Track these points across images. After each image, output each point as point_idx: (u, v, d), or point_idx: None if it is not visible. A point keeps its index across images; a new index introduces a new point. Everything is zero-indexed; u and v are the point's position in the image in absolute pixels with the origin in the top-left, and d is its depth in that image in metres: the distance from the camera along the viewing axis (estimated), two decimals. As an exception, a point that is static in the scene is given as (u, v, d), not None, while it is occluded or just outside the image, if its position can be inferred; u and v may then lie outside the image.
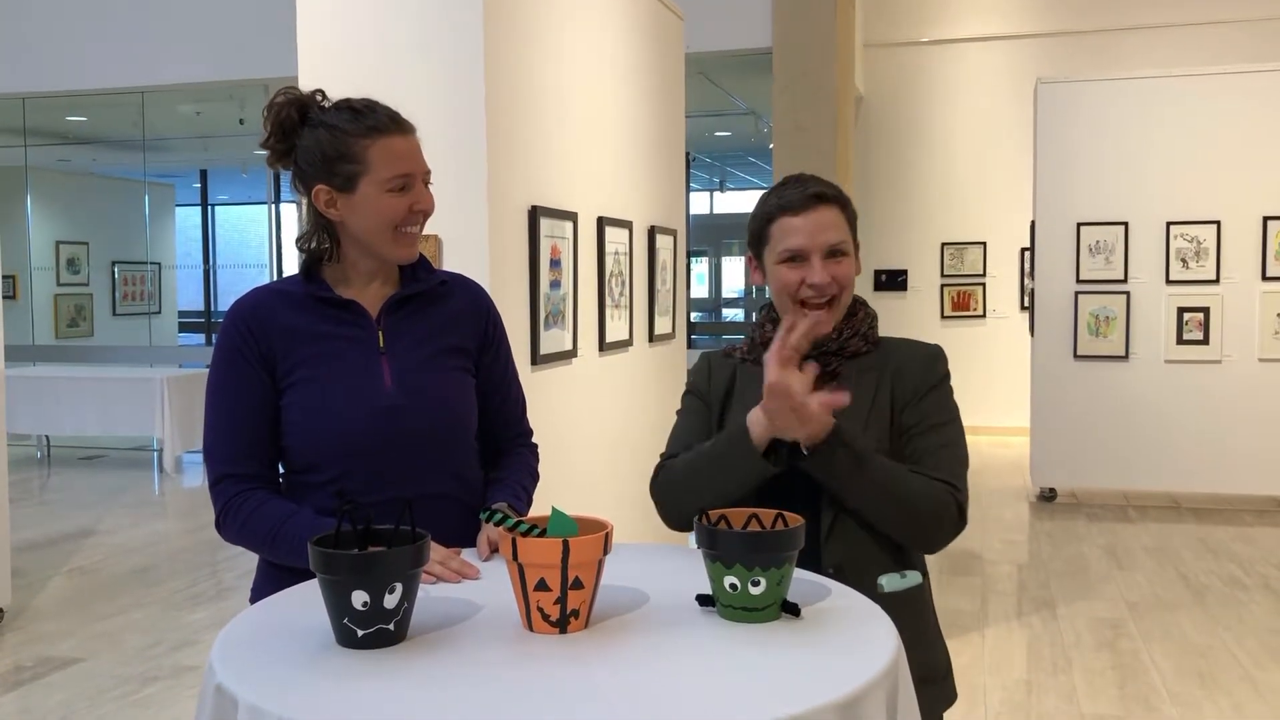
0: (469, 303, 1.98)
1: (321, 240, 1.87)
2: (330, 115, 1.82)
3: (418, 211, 1.84)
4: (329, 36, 3.31)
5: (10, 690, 4.19)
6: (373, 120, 1.81)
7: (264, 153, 1.86)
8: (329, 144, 1.80)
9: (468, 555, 1.78)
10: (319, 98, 1.86)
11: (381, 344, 1.86)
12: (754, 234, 1.93)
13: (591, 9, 4.17)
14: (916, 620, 1.88)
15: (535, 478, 2.06)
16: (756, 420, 1.75)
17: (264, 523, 1.80)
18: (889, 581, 1.85)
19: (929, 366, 1.90)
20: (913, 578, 1.89)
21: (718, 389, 1.97)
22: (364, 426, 1.81)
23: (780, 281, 1.88)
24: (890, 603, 1.66)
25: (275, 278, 10.23)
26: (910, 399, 1.87)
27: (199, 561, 6.13)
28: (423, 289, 1.92)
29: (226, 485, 1.82)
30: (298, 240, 1.91)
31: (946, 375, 1.92)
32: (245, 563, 5.95)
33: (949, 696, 1.95)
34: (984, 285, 10.23)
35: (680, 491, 1.86)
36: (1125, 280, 7.19)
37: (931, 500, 1.79)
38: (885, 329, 1.96)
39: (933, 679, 1.89)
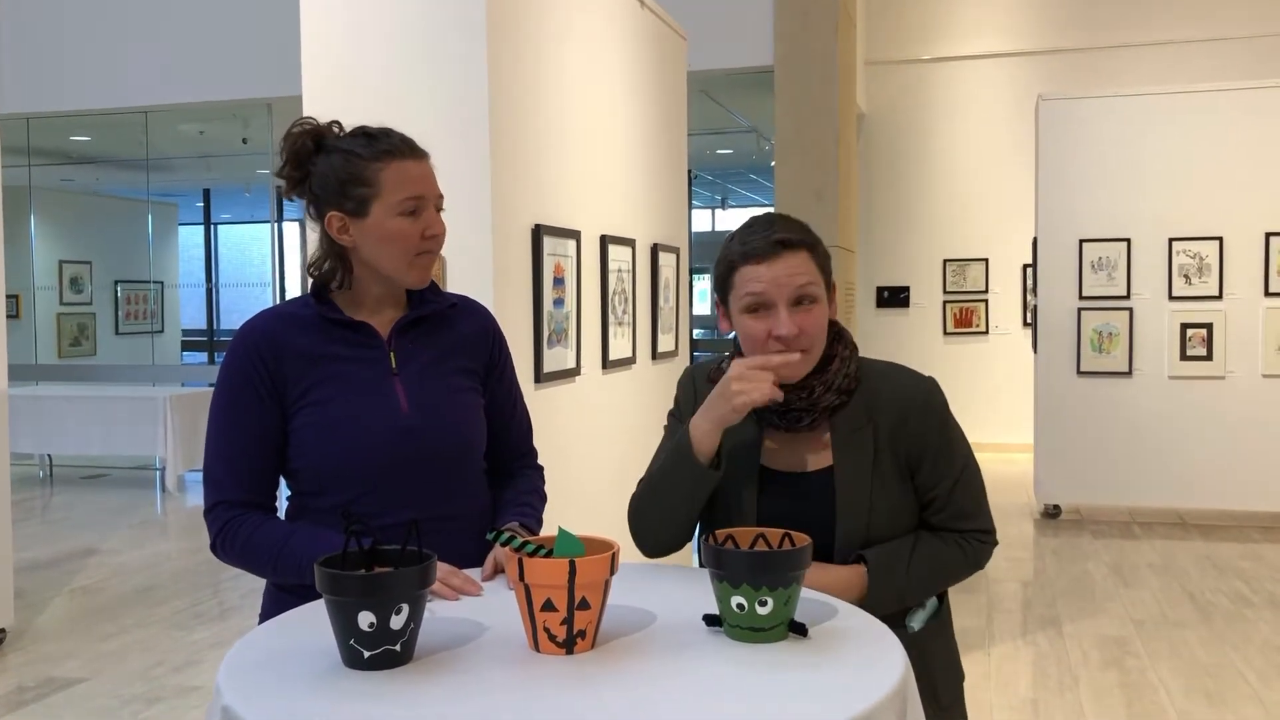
0: (476, 325, 1.99)
1: (333, 266, 1.87)
2: (345, 141, 1.83)
3: (430, 237, 1.82)
4: (333, 56, 3.32)
5: (13, 711, 4.18)
6: (386, 144, 1.81)
7: (266, 171, 1.88)
8: (342, 168, 1.80)
9: (470, 574, 1.78)
10: (335, 128, 1.86)
11: (394, 365, 1.86)
12: (718, 280, 1.85)
13: (595, 29, 4.18)
14: (943, 649, 1.91)
15: (543, 499, 2.06)
16: (696, 425, 1.77)
17: (265, 543, 1.79)
18: (916, 620, 1.86)
19: (926, 418, 1.83)
20: (932, 605, 1.90)
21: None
22: (382, 447, 1.80)
23: (745, 333, 1.80)
24: (921, 637, 1.66)
25: (277, 295, 10.35)
26: (922, 458, 1.83)
27: (201, 581, 6.11)
28: (432, 311, 1.92)
29: (221, 511, 1.82)
30: (309, 266, 1.90)
31: (946, 416, 1.85)
32: (248, 582, 5.94)
33: None
34: (986, 301, 10.23)
35: (641, 514, 1.87)
36: (1128, 296, 7.19)
37: (971, 562, 1.89)
38: (887, 347, 1.94)
39: (946, 705, 1.89)
